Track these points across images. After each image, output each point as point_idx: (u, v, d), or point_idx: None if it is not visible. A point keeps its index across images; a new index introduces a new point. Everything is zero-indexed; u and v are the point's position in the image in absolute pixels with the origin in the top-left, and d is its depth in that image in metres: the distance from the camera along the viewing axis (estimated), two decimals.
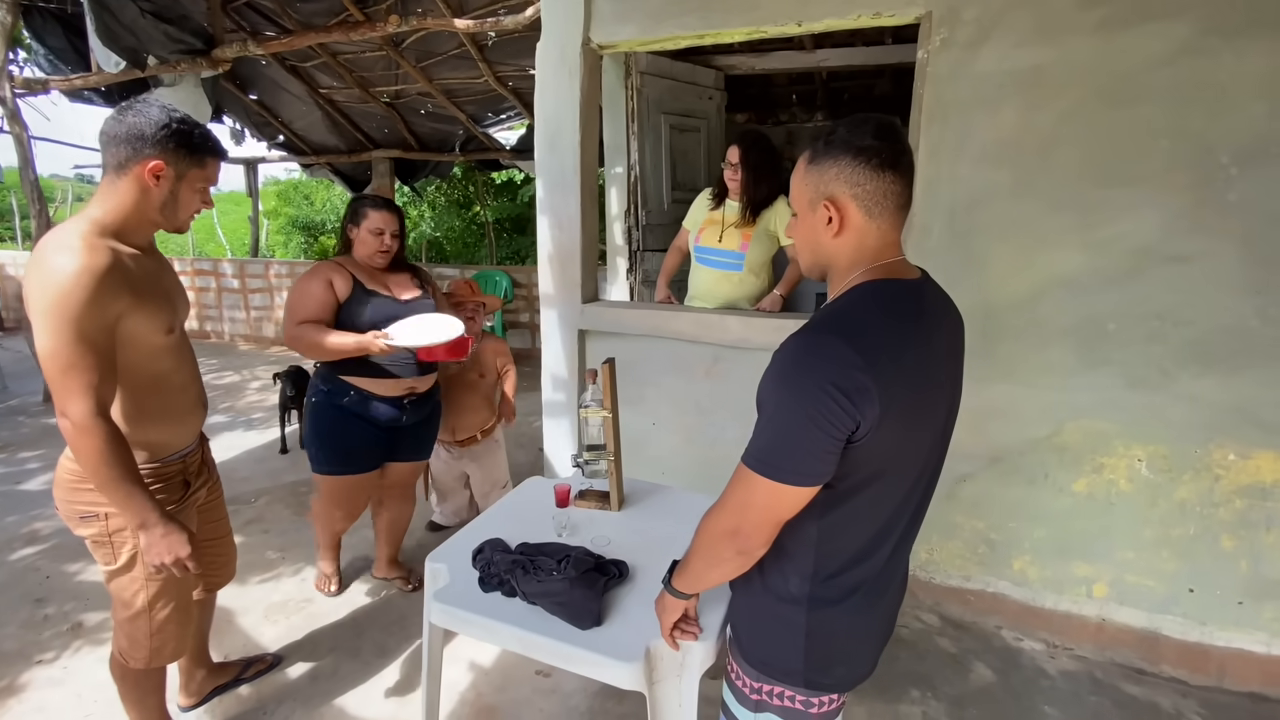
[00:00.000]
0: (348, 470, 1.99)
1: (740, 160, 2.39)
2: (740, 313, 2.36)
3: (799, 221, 0.91)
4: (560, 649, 1.06)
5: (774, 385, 0.82)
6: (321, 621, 2.12)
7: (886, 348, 0.79)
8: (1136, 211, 1.85)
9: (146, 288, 1.20)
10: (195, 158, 1.22)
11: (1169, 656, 2.00)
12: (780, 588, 0.92)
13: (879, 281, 0.86)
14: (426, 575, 1.30)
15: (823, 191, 0.85)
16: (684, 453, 2.53)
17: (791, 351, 0.82)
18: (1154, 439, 1.92)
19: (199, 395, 1.43)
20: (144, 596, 1.33)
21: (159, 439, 1.32)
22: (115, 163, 1.18)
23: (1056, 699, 1.88)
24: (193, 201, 1.27)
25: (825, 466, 0.80)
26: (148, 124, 1.17)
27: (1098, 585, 2.05)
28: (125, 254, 1.18)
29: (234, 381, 5.18)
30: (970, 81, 1.92)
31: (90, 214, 1.19)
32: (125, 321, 1.16)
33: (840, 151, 0.83)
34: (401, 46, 4.11)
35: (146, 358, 1.24)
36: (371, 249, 1.90)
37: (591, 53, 2.36)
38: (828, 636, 0.92)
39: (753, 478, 0.82)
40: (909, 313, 0.85)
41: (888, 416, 0.78)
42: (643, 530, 1.44)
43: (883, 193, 0.83)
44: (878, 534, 0.90)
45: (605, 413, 1.48)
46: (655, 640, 1.07)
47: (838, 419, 0.77)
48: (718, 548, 0.89)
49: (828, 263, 0.90)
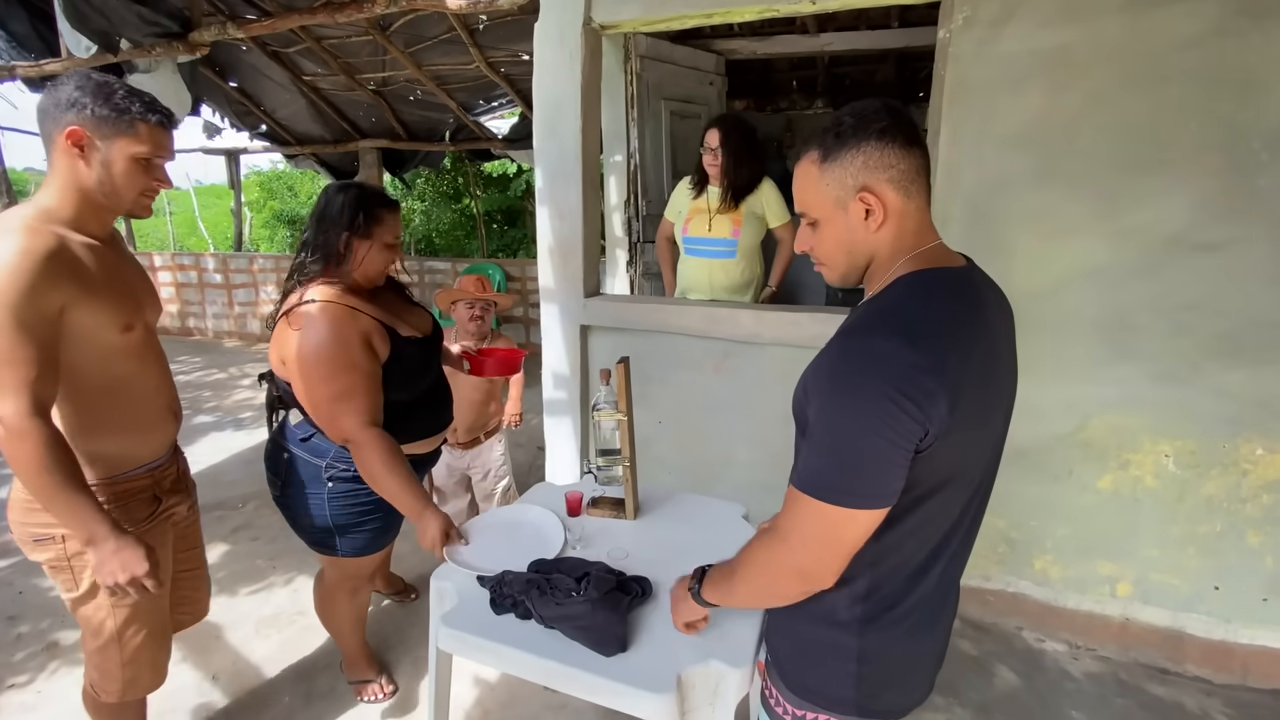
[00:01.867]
0: (382, 546, 1.60)
1: (721, 144, 2.32)
2: (752, 306, 2.27)
3: (825, 228, 0.83)
4: (583, 679, 0.97)
5: (827, 398, 0.74)
6: (317, 636, 2.02)
7: (950, 344, 0.72)
8: (1164, 198, 1.77)
9: (99, 279, 1.09)
10: (120, 120, 1.07)
11: (1193, 655, 1.95)
12: (830, 611, 0.84)
13: (926, 271, 0.79)
14: (432, 594, 1.20)
15: (852, 185, 0.78)
16: (691, 452, 2.44)
17: (843, 358, 0.75)
18: (1182, 434, 1.86)
19: (169, 403, 1.29)
20: (112, 624, 1.20)
21: (116, 451, 1.19)
22: (46, 139, 1.07)
23: (1083, 702, 1.83)
24: (134, 176, 1.10)
25: (897, 483, 0.72)
26: (63, 89, 1.06)
27: (1121, 584, 1.99)
28: (75, 241, 1.07)
29: (220, 380, 5.02)
30: (994, 62, 1.83)
31: (38, 200, 1.09)
32: (71, 315, 1.05)
33: (861, 138, 0.77)
34: (389, 31, 3.95)
35: (99, 358, 1.11)
36: (381, 267, 1.40)
37: (593, 33, 2.24)
38: (882, 661, 0.84)
39: (816, 507, 0.73)
40: (967, 303, 0.78)
41: (956, 420, 0.70)
42: (662, 540, 1.35)
43: (915, 169, 0.78)
44: (936, 548, 0.83)
45: (620, 415, 1.38)
46: (687, 668, 0.98)
47: (906, 429, 0.69)
48: (780, 587, 0.81)
49: (868, 259, 0.83)
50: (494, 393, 2.37)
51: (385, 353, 1.37)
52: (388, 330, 1.39)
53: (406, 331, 1.44)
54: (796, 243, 0.90)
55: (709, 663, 0.99)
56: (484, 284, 2.35)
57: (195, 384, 4.89)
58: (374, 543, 1.56)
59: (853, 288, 0.91)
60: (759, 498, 1.68)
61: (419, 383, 1.47)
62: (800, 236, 0.89)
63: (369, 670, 1.79)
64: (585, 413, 2.60)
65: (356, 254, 1.37)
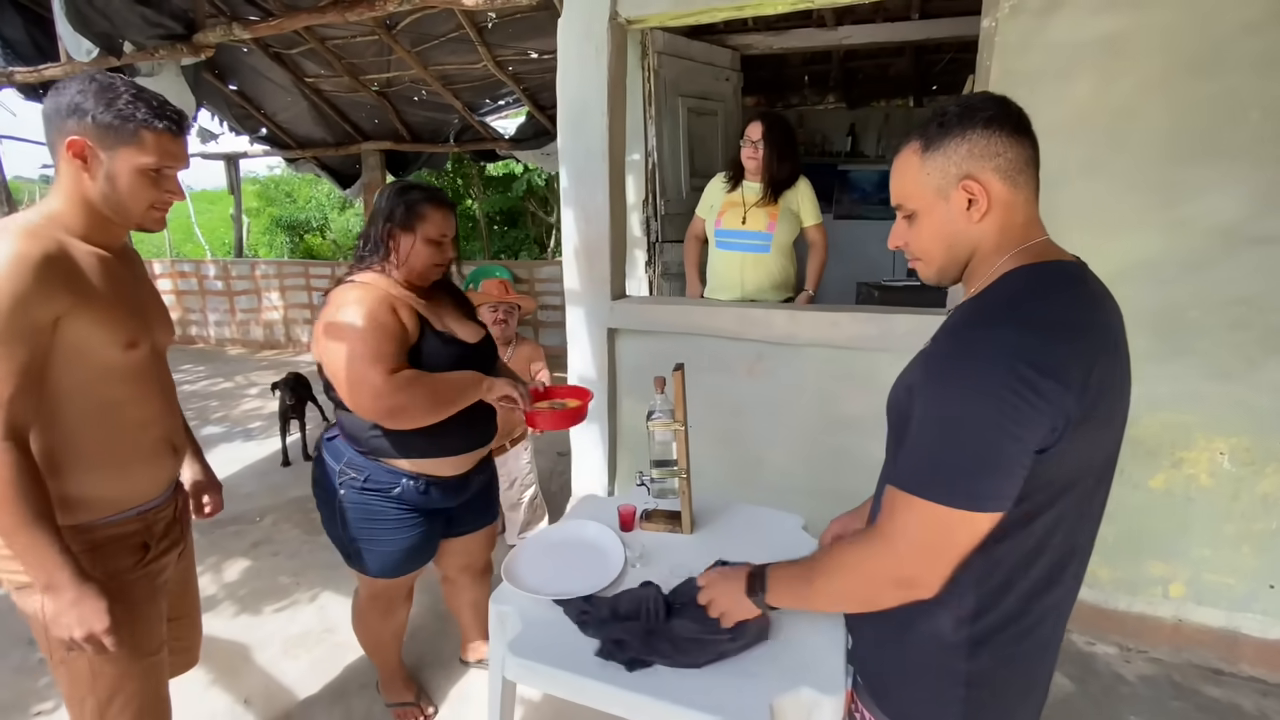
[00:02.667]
0: (410, 569, 1.50)
1: (763, 137, 2.29)
2: (787, 307, 2.22)
3: (923, 219, 0.80)
4: (671, 712, 0.91)
5: (942, 393, 0.71)
6: (348, 654, 1.95)
7: (1075, 337, 0.69)
8: (1219, 189, 1.73)
9: (102, 290, 0.99)
10: (125, 129, 0.96)
11: (1247, 655, 1.91)
12: (937, 632, 0.78)
13: (1040, 264, 0.75)
14: (492, 619, 1.15)
15: (955, 174, 0.75)
16: (723, 457, 2.38)
17: (962, 351, 0.71)
18: (1237, 430, 1.82)
19: (167, 435, 1.12)
20: (93, 701, 1.03)
21: (99, 492, 1.03)
22: (51, 147, 0.99)
23: (1139, 707, 1.78)
24: (141, 189, 1.00)
25: (1017, 484, 0.68)
26: (65, 93, 0.96)
27: (1174, 585, 1.95)
28: (80, 249, 0.98)
29: (226, 389, 4.94)
30: (1042, 51, 1.77)
31: (46, 204, 1.01)
32: (67, 326, 0.94)
33: (966, 126, 0.74)
34: (395, 30, 3.87)
35: (93, 378, 0.99)
36: (429, 262, 1.35)
37: (619, 28, 2.18)
38: (991, 686, 0.79)
39: (926, 508, 0.69)
40: (1087, 299, 0.74)
41: (1082, 417, 0.66)
42: (724, 556, 1.29)
43: (1024, 159, 0.75)
44: (1056, 563, 0.76)
45: (677, 425, 1.32)
46: (778, 696, 0.93)
47: (1032, 424, 0.65)
48: (875, 593, 0.76)
49: (969, 253, 0.79)
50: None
51: (414, 333, 1.30)
52: (420, 318, 1.33)
53: (441, 327, 1.37)
54: (890, 237, 0.86)
55: (800, 690, 0.94)
56: (506, 287, 2.29)
57: (201, 394, 4.81)
58: (396, 565, 1.45)
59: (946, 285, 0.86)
60: (796, 503, 1.63)
61: None
62: (895, 231, 0.85)
63: (406, 692, 1.72)
64: (613, 419, 2.54)
65: (400, 247, 1.34)
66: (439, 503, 1.45)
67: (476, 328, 1.48)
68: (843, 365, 2.12)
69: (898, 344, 2.03)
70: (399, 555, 1.44)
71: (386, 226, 1.33)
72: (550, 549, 1.31)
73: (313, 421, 3.80)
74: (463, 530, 1.61)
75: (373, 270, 1.35)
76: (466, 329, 1.44)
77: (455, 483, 1.46)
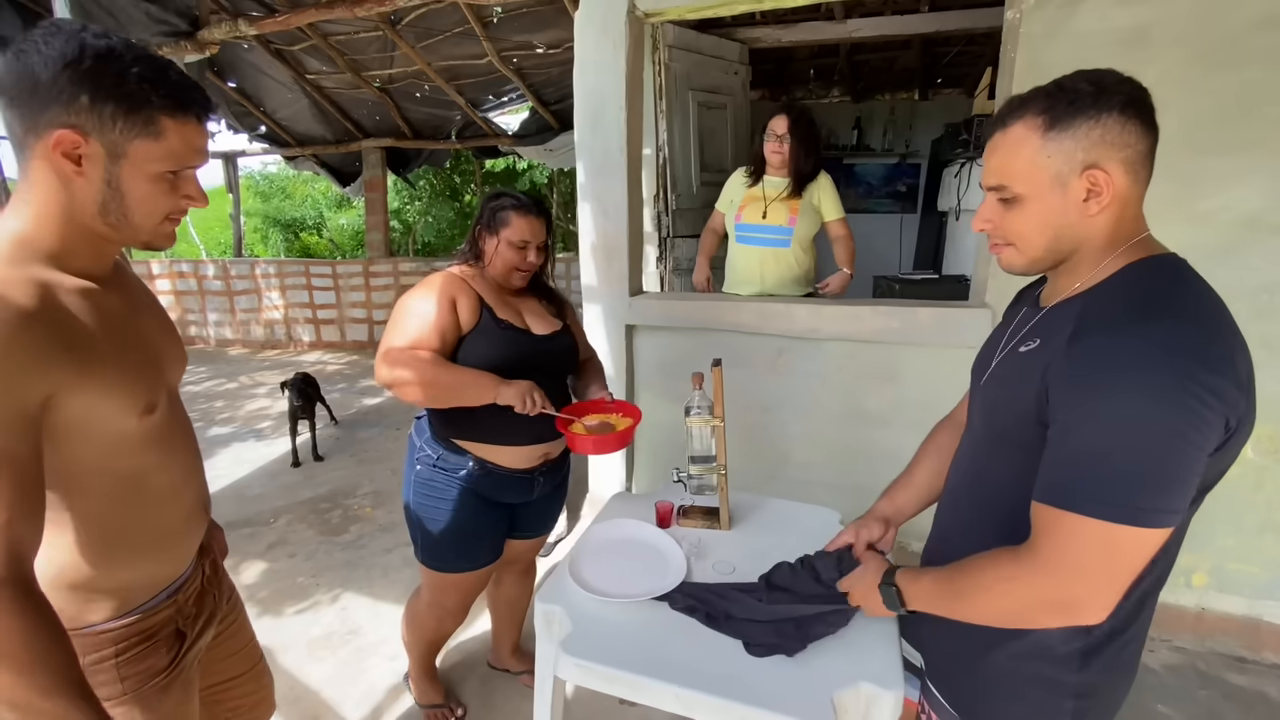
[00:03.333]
0: (474, 565, 1.49)
1: (789, 130, 2.27)
2: (809, 300, 2.21)
3: (1030, 205, 0.72)
4: (735, 710, 0.91)
5: (1109, 402, 0.63)
6: (374, 657, 1.94)
7: (1228, 330, 0.65)
8: (1242, 179, 1.73)
9: (105, 345, 0.73)
10: (137, 115, 0.69)
11: (1270, 643, 1.93)
12: (1042, 645, 0.75)
13: (1157, 258, 0.71)
14: (539, 619, 1.13)
15: (1081, 160, 0.68)
16: (744, 453, 2.37)
17: (1122, 355, 0.63)
18: (1262, 419, 1.78)
19: (199, 497, 0.91)
20: None
21: (132, 577, 0.82)
22: (15, 140, 0.70)
23: (1168, 696, 1.79)
24: (156, 197, 0.74)
25: (1192, 492, 0.64)
26: (39, 58, 0.65)
27: (1197, 574, 1.96)
28: (66, 288, 0.71)
29: (231, 389, 4.90)
30: (1068, 42, 1.77)
31: (6, 226, 0.70)
32: (64, 404, 0.68)
33: (1102, 109, 0.67)
34: (399, 25, 3.84)
35: (109, 454, 0.76)
36: (509, 265, 1.43)
37: (637, 21, 2.16)
38: (1099, 695, 0.77)
39: (1096, 528, 0.63)
40: (1211, 289, 0.70)
41: (1244, 417, 0.63)
42: (765, 553, 1.29)
43: (1149, 153, 0.70)
44: (1165, 569, 0.74)
45: (716, 421, 1.32)
46: (838, 690, 0.92)
47: (1213, 428, 0.61)
48: (1029, 617, 0.71)
49: (1075, 247, 0.73)
50: None
51: (471, 321, 1.37)
52: (482, 304, 1.40)
53: (506, 316, 1.41)
54: (975, 219, 0.78)
55: (858, 685, 0.93)
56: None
57: (206, 395, 4.77)
58: (450, 559, 1.47)
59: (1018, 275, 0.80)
60: (822, 498, 1.63)
61: (501, 374, 1.33)
62: (983, 212, 0.77)
63: (436, 694, 1.71)
64: None
65: (486, 248, 1.45)
66: (501, 494, 1.48)
67: (555, 323, 1.52)
68: (865, 359, 2.12)
69: (920, 337, 2.03)
70: (466, 545, 1.47)
71: (477, 229, 1.47)
72: (605, 550, 1.29)
73: (322, 421, 3.78)
74: (518, 535, 1.62)
75: (466, 265, 1.47)
76: (542, 323, 1.49)
77: (519, 477, 1.48)
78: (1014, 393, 0.75)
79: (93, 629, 0.79)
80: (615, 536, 1.33)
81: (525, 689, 1.79)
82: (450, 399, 1.34)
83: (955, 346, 1.97)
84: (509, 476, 1.46)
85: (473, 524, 1.46)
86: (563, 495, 1.71)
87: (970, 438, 0.91)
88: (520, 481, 1.48)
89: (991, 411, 0.82)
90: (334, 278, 6.19)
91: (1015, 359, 0.78)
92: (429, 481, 1.44)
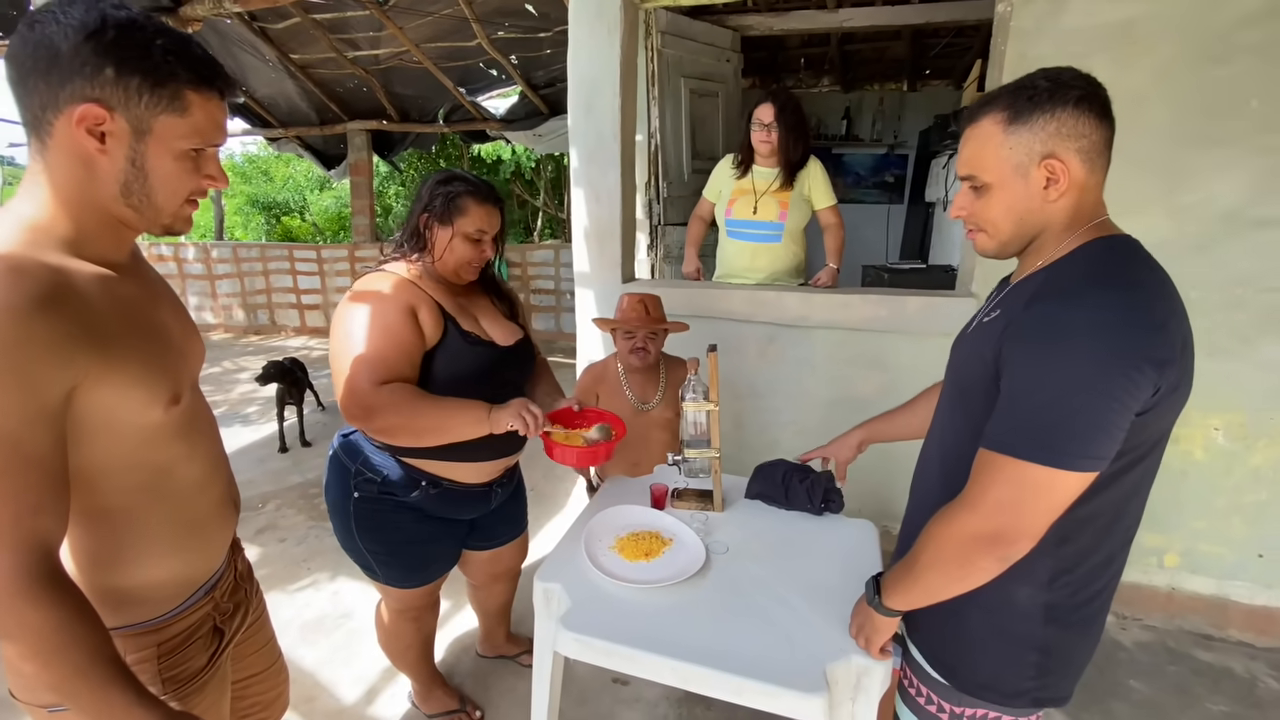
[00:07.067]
0: (427, 580, 1.43)
1: (776, 118, 2.23)
2: (799, 289, 2.24)
3: (996, 193, 0.79)
4: (729, 681, 0.94)
5: (1040, 358, 0.71)
6: (366, 640, 1.95)
7: (1166, 302, 0.72)
8: (1224, 174, 1.78)
9: (127, 335, 0.70)
10: (163, 89, 0.66)
11: (1236, 621, 2.01)
12: (1008, 599, 0.81)
13: (1112, 238, 0.78)
14: (538, 596, 1.16)
15: (1040, 151, 0.75)
16: (733, 439, 2.41)
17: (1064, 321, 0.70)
18: (1232, 407, 1.89)
19: (226, 489, 0.90)
20: None
21: (165, 576, 0.80)
22: (30, 118, 0.66)
23: (1139, 671, 1.87)
24: (181, 175, 0.71)
25: (1116, 446, 0.70)
26: (63, 32, 0.62)
27: (1169, 555, 2.04)
28: (86, 276, 0.68)
29: (215, 374, 4.84)
30: (1057, 36, 1.80)
31: (19, 211, 0.67)
32: (87, 397, 0.67)
33: (1057, 104, 0.73)
34: (387, 6, 3.77)
35: (138, 447, 0.74)
36: (463, 260, 1.26)
37: (631, 6, 2.15)
38: (1061, 655, 0.82)
39: (1024, 468, 0.70)
40: (1159, 267, 0.77)
41: (1174, 381, 0.70)
42: (759, 534, 1.32)
43: (1104, 143, 0.76)
44: (1128, 528, 0.80)
45: (711, 405, 1.34)
46: (830, 662, 0.96)
47: (1140, 389, 0.67)
48: (972, 558, 0.76)
49: (1038, 231, 0.80)
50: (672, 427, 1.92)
51: (435, 335, 1.22)
52: (444, 315, 1.24)
53: (469, 327, 1.28)
54: (952, 208, 0.86)
55: (850, 657, 0.96)
56: (647, 305, 1.73)
57: None
58: (415, 577, 1.40)
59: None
60: None
61: (467, 390, 1.22)
62: (958, 201, 0.85)
63: (449, 700, 1.64)
64: None
65: (437, 240, 1.26)
66: (459, 513, 1.40)
67: (514, 329, 1.39)
68: (854, 347, 2.15)
69: (908, 325, 2.07)
70: (417, 567, 1.39)
71: (424, 217, 1.26)
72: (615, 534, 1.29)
73: (309, 407, 3.75)
74: (492, 543, 1.56)
75: (407, 261, 1.28)
76: (501, 330, 1.36)
77: (478, 491, 1.39)
78: (976, 353, 0.82)
79: (132, 629, 0.78)
80: (622, 523, 1.34)
81: (517, 672, 1.81)
82: (437, 439, 1.21)
83: (942, 334, 2.01)
84: (466, 493, 1.36)
85: (428, 545, 1.38)
86: (522, 497, 1.63)
87: (940, 403, 0.96)
88: (478, 496, 1.40)
89: (955, 372, 0.88)
90: (319, 262, 6.11)
91: (980, 328, 0.85)
92: (373, 511, 1.30)
